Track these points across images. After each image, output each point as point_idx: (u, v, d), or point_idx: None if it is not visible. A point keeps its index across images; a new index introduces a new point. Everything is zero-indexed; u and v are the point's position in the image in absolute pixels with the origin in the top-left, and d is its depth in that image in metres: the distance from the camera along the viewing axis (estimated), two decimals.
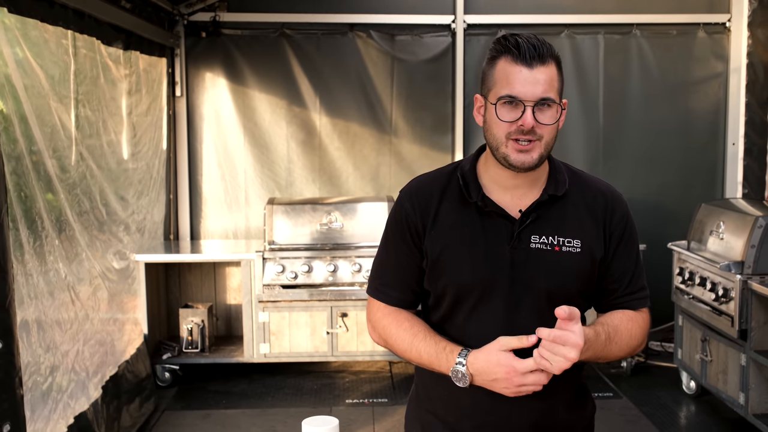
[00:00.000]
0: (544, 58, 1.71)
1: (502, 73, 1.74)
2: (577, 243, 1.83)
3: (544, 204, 1.83)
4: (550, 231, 1.82)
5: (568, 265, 1.81)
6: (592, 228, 1.85)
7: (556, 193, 1.84)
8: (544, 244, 1.81)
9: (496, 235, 1.82)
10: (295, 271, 5.14)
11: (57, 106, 3.68)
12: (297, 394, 5.12)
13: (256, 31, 5.97)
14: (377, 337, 1.96)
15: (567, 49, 6.05)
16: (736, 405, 4.26)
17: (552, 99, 1.73)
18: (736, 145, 6.06)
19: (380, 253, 1.97)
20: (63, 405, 3.58)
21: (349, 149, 6.07)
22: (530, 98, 1.71)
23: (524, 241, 1.81)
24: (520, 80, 1.71)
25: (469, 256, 1.82)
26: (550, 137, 1.77)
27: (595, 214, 1.86)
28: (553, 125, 1.76)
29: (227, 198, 6.10)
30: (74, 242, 3.86)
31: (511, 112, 1.73)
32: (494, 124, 1.76)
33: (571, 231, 1.83)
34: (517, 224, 1.82)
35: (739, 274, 4.16)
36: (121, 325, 4.69)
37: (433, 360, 1.82)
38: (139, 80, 5.06)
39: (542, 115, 1.73)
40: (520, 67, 1.71)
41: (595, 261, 1.85)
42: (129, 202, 4.86)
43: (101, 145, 4.36)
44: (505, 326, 1.80)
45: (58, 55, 3.73)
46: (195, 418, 4.73)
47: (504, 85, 1.73)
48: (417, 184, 1.94)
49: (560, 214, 1.84)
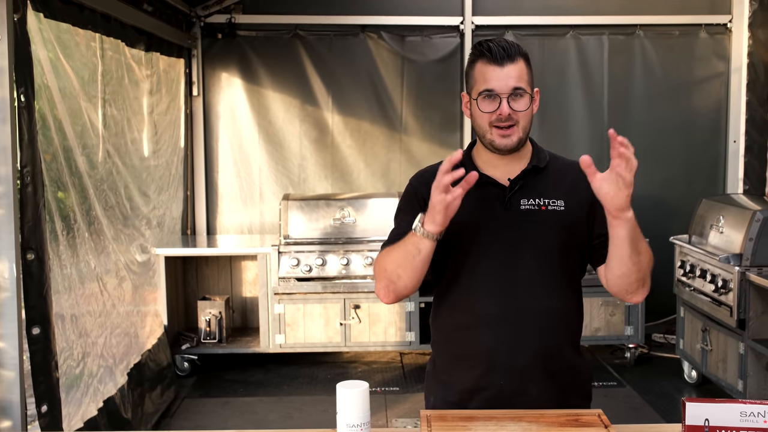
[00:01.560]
0: (512, 57, 2.04)
1: (480, 73, 2.06)
2: (560, 203, 2.12)
3: (530, 173, 2.13)
4: (536, 195, 2.12)
5: (554, 219, 2.10)
6: (574, 190, 2.12)
7: (539, 165, 2.14)
8: (532, 206, 2.11)
9: (490, 201, 2.12)
10: (309, 265, 5.33)
11: (86, 106, 3.87)
12: (311, 383, 5.31)
13: (270, 32, 6.15)
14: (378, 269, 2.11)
15: (572, 50, 6.22)
16: (735, 392, 4.43)
17: (523, 89, 2.04)
18: (737, 142, 6.23)
19: (396, 221, 2.23)
20: (93, 389, 3.78)
21: (360, 147, 6.25)
22: (504, 90, 2.03)
23: (514, 204, 2.11)
24: (494, 77, 2.03)
25: (468, 219, 2.07)
26: (526, 122, 2.07)
27: (575, 180, 2.07)
28: (526, 111, 2.06)
29: (242, 194, 6.29)
30: (102, 236, 4.05)
31: (490, 104, 2.04)
32: (478, 115, 2.08)
33: (554, 193, 2.13)
34: (508, 190, 2.11)
35: (737, 266, 4.33)
36: (143, 316, 4.88)
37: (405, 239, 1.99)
38: (159, 80, 5.25)
39: (516, 103, 2.04)
40: (494, 66, 2.03)
41: (579, 216, 2.11)
42: (150, 198, 5.05)
43: (125, 142, 4.55)
44: (506, 277, 2.09)
45: (87, 57, 3.92)
46: (214, 405, 4.92)
47: (482, 83, 2.05)
48: (425, 169, 2.25)
49: (544, 181, 2.14)
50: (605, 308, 5.45)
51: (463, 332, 2.13)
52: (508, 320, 2.07)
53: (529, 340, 2.08)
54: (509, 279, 2.08)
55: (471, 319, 2.11)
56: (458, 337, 2.15)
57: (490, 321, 2.08)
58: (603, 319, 5.45)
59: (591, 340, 5.49)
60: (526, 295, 2.08)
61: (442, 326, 2.21)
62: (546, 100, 6.24)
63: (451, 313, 2.17)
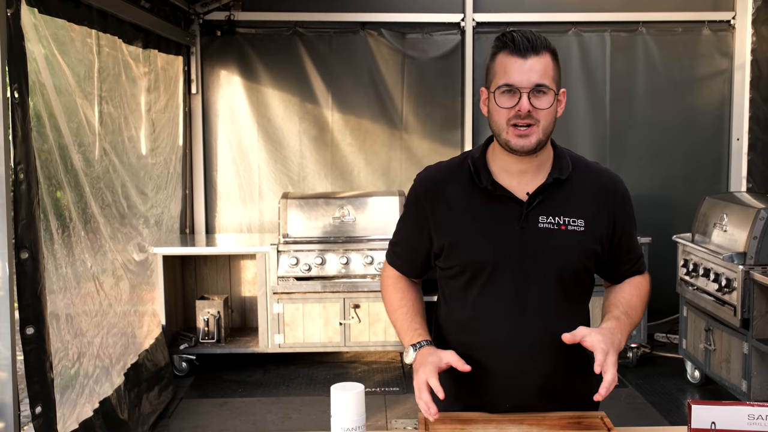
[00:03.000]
0: (537, 49, 1.86)
1: (501, 65, 1.89)
2: (581, 222, 1.97)
3: (550, 187, 1.97)
4: (556, 212, 1.97)
5: (573, 243, 1.96)
6: (595, 209, 2.00)
7: (560, 177, 1.97)
8: (551, 224, 1.96)
9: (505, 217, 1.97)
10: (308, 264, 5.28)
11: (82, 103, 3.82)
12: (311, 383, 5.26)
13: (269, 29, 6.11)
14: (383, 300, 2.22)
15: (574, 47, 6.17)
16: (739, 392, 4.38)
17: (546, 85, 1.86)
18: (741, 140, 6.18)
19: (399, 225, 2.18)
20: (89, 390, 3.73)
21: (360, 145, 6.20)
22: (525, 85, 1.85)
23: (532, 221, 1.96)
24: (516, 70, 1.85)
25: (481, 236, 1.97)
26: (547, 122, 1.89)
27: (598, 195, 2.01)
28: (548, 110, 1.87)
29: (241, 193, 6.24)
30: (98, 234, 4.00)
31: (509, 99, 1.87)
32: (495, 111, 1.91)
33: (576, 212, 1.98)
34: (525, 206, 1.96)
35: (741, 265, 4.28)
36: (141, 315, 4.83)
37: (401, 333, 2.09)
38: (157, 78, 5.20)
39: (538, 100, 1.86)
40: (516, 58, 1.86)
41: (597, 239, 1.99)
42: (148, 196, 5.00)
43: (122, 140, 4.50)
44: (515, 300, 1.97)
45: (83, 53, 3.87)
46: (212, 405, 4.88)
47: (502, 76, 1.88)
48: (430, 172, 2.11)
49: (565, 196, 1.98)
50: None
51: (468, 354, 2.00)
52: (515, 346, 1.98)
53: (536, 366, 1.99)
54: (519, 303, 1.97)
55: (476, 342, 2.02)
56: (467, 353, 2.01)
57: (496, 346, 1.99)
58: None
59: None
60: (535, 321, 1.97)
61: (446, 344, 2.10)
62: None
63: (456, 332, 2.07)
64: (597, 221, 1.99)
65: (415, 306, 2.12)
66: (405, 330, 2.06)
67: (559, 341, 1.94)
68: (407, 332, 2.05)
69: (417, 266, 2.15)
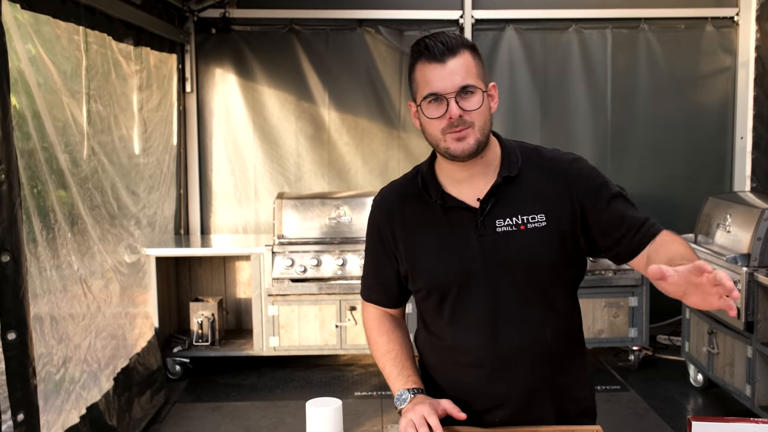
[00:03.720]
0: (454, 50, 1.78)
1: (421, 75, 1.81)
2: (541, 217, 1.86)
3: (501, 187, 1.87)
4: (513, 212, 1.86)
5: (537, 241, 1.85)
6: (555, 198, 1.87)
7: (510, 174, 1.88)
8: (509, 226, 1.86)
9: (462, 228, 1.88)
10: (304, 265, 5.19)
11: (69, 102, 3.73)
12: (306, 386, 5.17)
13: (265, 27, 6.01)
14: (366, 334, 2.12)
15: (575, 44, 6.07)
16: (743, 397, 4.28)
17: (472, 85, 1.78)
18: (744, 138, 6.07)
19: (365, 257, 2.10)
20: (75, 396, 3.64)
21: (357, 144, 6.11)
22: (450, 90, 1.77)
23: (489, 227, 1.86)
24: (437, 77, 1.77)
25: (440, 253, 1.89)
26: (482, 122, 1.81)
27: (557, 182, 1.88)
28: (480, 110, 1.79)
29: (237, 193, 6.15)
30: (86, 236, 3.92)
31: (437, 108, 1.79)
32: (427, 123, 1.83)
33: (534, 207, 1.86)
34: (479, 212, 1.87)
35: (745, 267, 4.18)
36: (132, 318, 4.74)
37: (390, 378, 1.97)
38: (149, 76, 5.11)
39: (466, 102, 1.78)
40: (434, 64, 1.78)
41: (565, 229, 1.86)
42: (140, 197, 4.91)
43: (112, 140, 4.41)
44: (490, 313, 1.87)
45: (69, 50, 3.78)
46: (205, 410, 4.79)
47: (425, 86, 1.80)
48: (385, 194, 2.05)
49: (519, 193, 1.88)
50: (608, 310, 5.29)
51: (451, 369, 1.95)
52: (498, 359, 1.89)
53: (523, 376, 1.90)
54: (493, 316, 1.87)
55: (459, 359, 1.94)
56: (447, 372, 1.98)
57: (480, 362, 1.90)
58: (606, 321, 5.30)
59: (594, 343, 5.33)
60: (516, 330, 1.87)
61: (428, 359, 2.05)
62: (548, 96, 6.11)
63: (438, 352, 2.00)
64: (559, 210, 1.86)
65: (403, 350, 2.01)
66: (395, 376, 1.95)
67: (546, 347, 1.87)
68: (398, 378, 1.94)
69: (393, 294, 2.07)
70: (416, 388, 1.91)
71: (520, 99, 6.06)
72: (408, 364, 1.97)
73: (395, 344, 2.02)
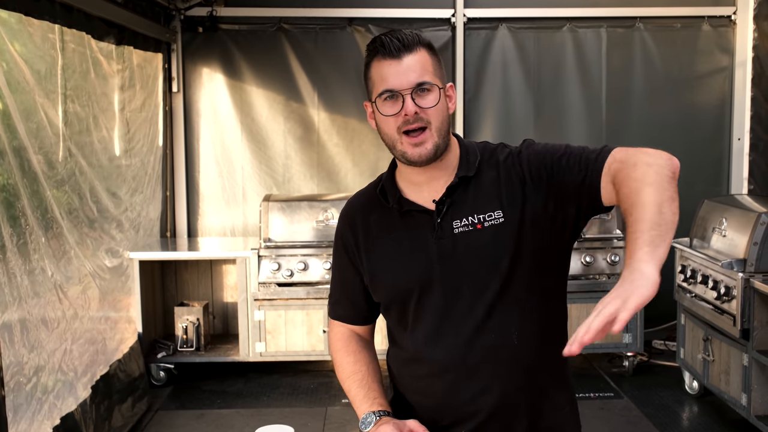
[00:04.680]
0: (410, 47, 1.73)
1: (377, 72, 1.75)
2: (498, 214, 1.77)
3: (458, 188, 1.80)
4: (469, 211, 1.79)
5: (495, 239, 1.75)
6: (510, 189, 1.77)
7: (467, 174, 1.80)
8: (466, 226, 1.78)
9: (419, 233, 1.81)
10: (291, 269, 5.07)
11: (43, 102, 3.61)
12: (293, 393, 5.05)
13: (253, 25, 5.90)
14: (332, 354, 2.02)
15: (569, 43, 5.96)
16: (739, 406, 4.17)
17: (428, 82, 1.72)
18: (742, 140, 5.96)
19: (332, 273, 2.03)
20: (49, 406, 3.52)
21: (347, 145, 6.00)
22: (406, 86, 1.71)
23: (446, 229, 1.79)
24: (392, 73, 1.72)
25: (399, 260, 1.83)
26: (439, 121, 1.73)
27: (508, 174, 1.79)
28: (436, 108, 1.73)
29: (225, 195, 6.04)
30: (62, 240, 3.80)
31: (393, 106, 1.73)
32: (382, 121, 1.76)
33: (490, 204, 1.78)
34: (435, 214, 1.79)
35: (741, 272, 4.06)
36: (114, 323, 4.63)
37: (356, 401, 1.88)
38: (132, 76, 4.99)
39: (422, 100, 1.72)
40: (390, 61, 1.73)
41: (526, 220, 1.75)
42: (122, 199, 4.79)
43: (91, 141, 4.29)
44: (452, 318, 1.79)
45: (44, 49, 3.66)
46: (189, 417, 4.67)
47: (380, 83, 1.74)
48: (350, 205, 1.98)
49: (475, 192, 1.80)
50: None
51: (416, 383, 1.87)
52: (464, 368, 1.78)
53: (488, 385, 1.78)
54: (458, 321, 1.78)
55: (421, 369, 1.85)
56: (414, 386, 1.89)
57: (445, 371, 1.80)
58: None
59: (587, 348, 5.19)
60: (477, 336, 1.76)
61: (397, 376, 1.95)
62: (542, 96, 5.99)
63: (402, 363, 1.91)
64: (516, 200, 1.75)
65: (370, 371, 1.92)
66: (361, 398, 1.86)
67: (513, 352, 1.76)
68: (364, 401, 1.86)
69: (361, 309, 1.98)
70: (382, 410, 1.82)
71: (513, 99, 5.94)
72: (374, 386, 1.88)
73: (361, 365, 1.93)
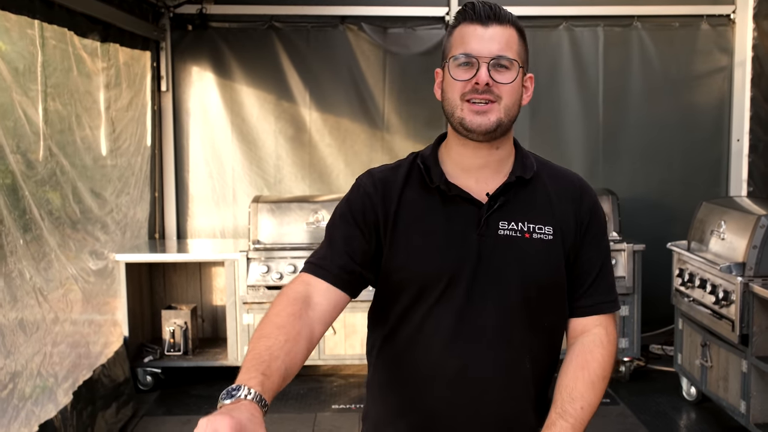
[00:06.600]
0: (501, 19, 1.63)
1: (459, 36, 1.65)
2: (548, 230, 1.67)
3: (512, 187, 1.68)
4: (520, 216, 1.67)
5: (539, 255, 1.66)
6: (563, 214, 1.70)
7: (524, 176, 1.69)
8: (513, 231, 1.66)
9: (461, 223, 1.66)
10: (280, 272, 4.97)
11: (21, 100, 3.50)
12: (282, 399, 4.94)
13: (244, 23, 5.79)
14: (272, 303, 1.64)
15: (565, 43, 5.85)
16: (737, 413, 4.06)
17: (509, 57, 1.62)
18: (741, 141, 5.85)
19: (330, 231, 1.79)
20: (26, 413, 3.41)
21: (340, 145, 5.89)
22: (485, 54, 1.60)
23: (492, 227, 1.66)
24: (475, 38, 1.61)
25: (433, 245, 1.66)
26: (510, 101, 1.63)
27: (566, 200, 1.71)
28: (511, 86, 1.62)
29: (215, 196, 5.93)
30: (42, 242, 3.69)
31: (466, 71, 1.62)
32: (449, 86, 1.64)
33: (542, 217, 1.68)
34: (485, 209, 1.66)
35: (740, 276, 3.95)
36: (98, 327, 4.52)
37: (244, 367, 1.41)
38: (118, 74, 4.88)
39: (499, 74, 1.61)
40: (476, 26, 1.63)
41: (567, 251, 1.69)
42: (107, 200, 4.69)
43: (74, 140, 4.18)
44: (470, 323, 1.65)
45: (22, 45, 3.55)
46: (174, 423, 4.56)
47: (459, 45, 1.63)
48: (378, 171, 1.78)
49: (529, 198, 1.69)
50: None
51: (410, 386, 1.71)
52: (463, 381, 1.66)
53: (489, 404, 1.67)
54: (473, 326, 1.64)
55: (421, 372, 1.69)
56: (405, 390, 1.73)
57: (443, 376, 1.67)
58: None
59: None
60: (489, 351, 1.65)
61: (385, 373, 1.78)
62: (537, 96, 5.84)
63: (399, 357, 1.73)
64: (566, 228, 1.69)
65: (285, 348, 1.47)
66: (249, 367, 1.40)
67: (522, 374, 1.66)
68: (250, 370, 1.39)
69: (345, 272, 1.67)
70: (258, 393, 1.33)
71: None
72: (277, 365, 1.43)
73: (285, 335, 1.50)
